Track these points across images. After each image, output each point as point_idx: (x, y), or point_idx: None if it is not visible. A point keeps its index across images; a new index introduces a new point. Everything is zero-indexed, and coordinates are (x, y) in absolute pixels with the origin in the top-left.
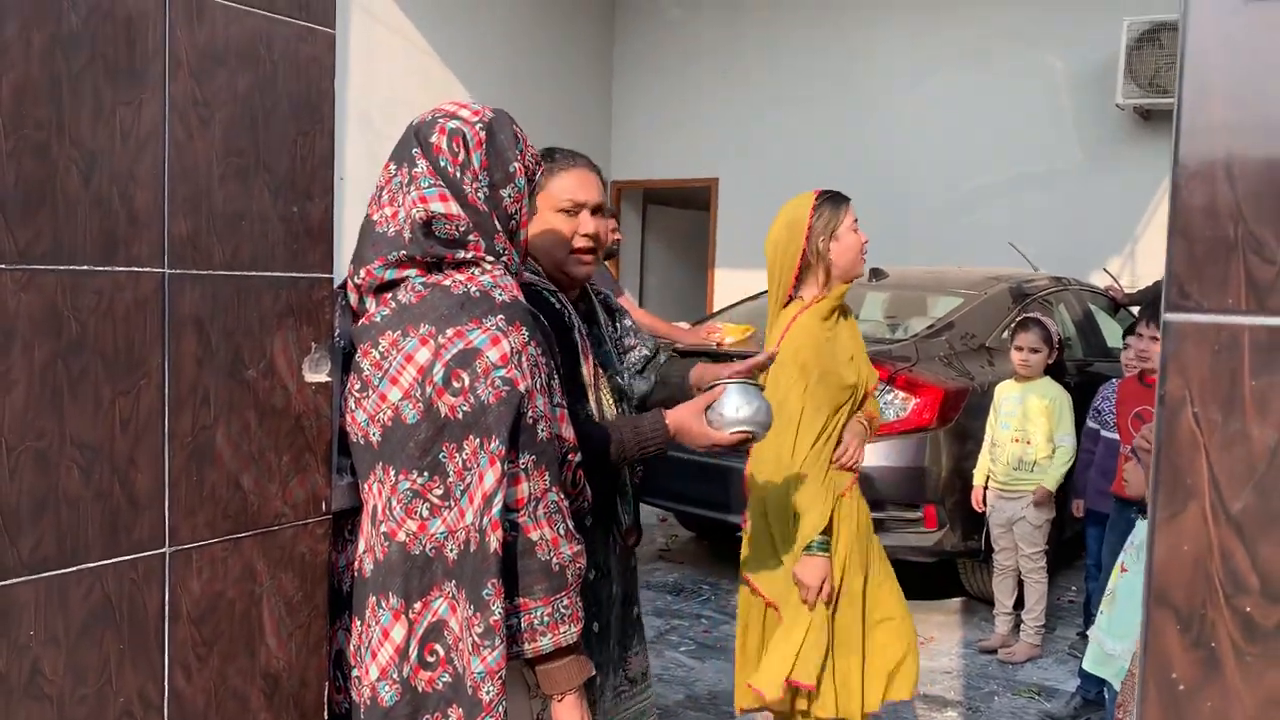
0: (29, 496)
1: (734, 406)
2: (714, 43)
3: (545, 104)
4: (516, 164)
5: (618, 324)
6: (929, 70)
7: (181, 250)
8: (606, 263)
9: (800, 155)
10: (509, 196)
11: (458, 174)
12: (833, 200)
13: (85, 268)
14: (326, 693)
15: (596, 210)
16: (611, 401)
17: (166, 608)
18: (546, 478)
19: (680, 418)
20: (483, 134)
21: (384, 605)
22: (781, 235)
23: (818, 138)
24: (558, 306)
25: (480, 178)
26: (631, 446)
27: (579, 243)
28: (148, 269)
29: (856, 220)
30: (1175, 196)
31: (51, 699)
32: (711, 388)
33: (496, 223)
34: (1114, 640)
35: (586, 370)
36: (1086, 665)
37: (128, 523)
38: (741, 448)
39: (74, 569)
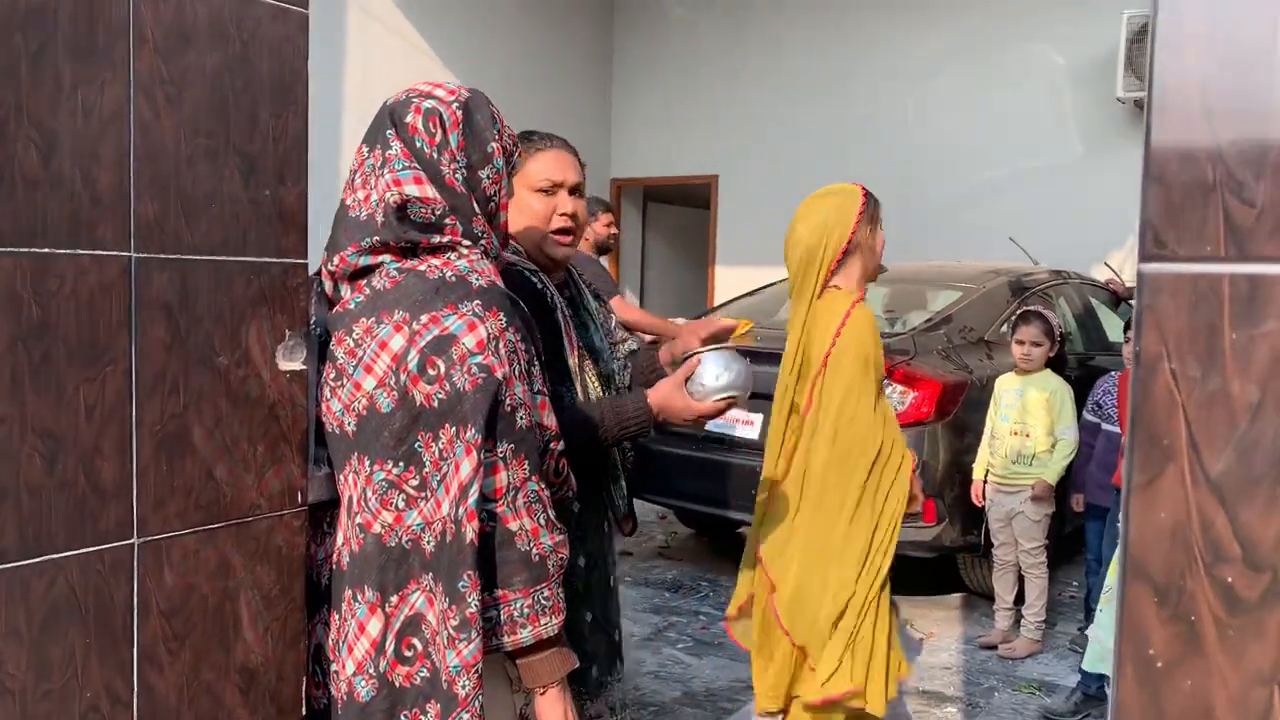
0: None
1: (713, 374)
2: (714, 40)
3: (545, 101)
4: (494, 144)
5: (609, 314)
6: (928, 66)
7: (149, 233)
8: (604, 259)
9: (800, 152)
10: (487, 178)
11: (434, 155)
12: (873, 197)
13: (46, 250)
14: (305, 688)
15: (574, 190)
16: (597, 385)
17: (135, 600)
18: (526, 466)
19: (661, 394)
20: (459, 113)
21: (360, 598)
22: (830, 217)
23: (818, 134)
24: (539, 286)
25: (458, 158)
26: (613, 426)
27: (557, 222)
28: (113, 252)
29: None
30: (1149, 140)
31: (14, 694)
32: (687, 359)
33: (475, 205)
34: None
35: (570, 351)
36: (1087, 665)
37: (93, 513)
38: (725, 414)
39: (36, 560)
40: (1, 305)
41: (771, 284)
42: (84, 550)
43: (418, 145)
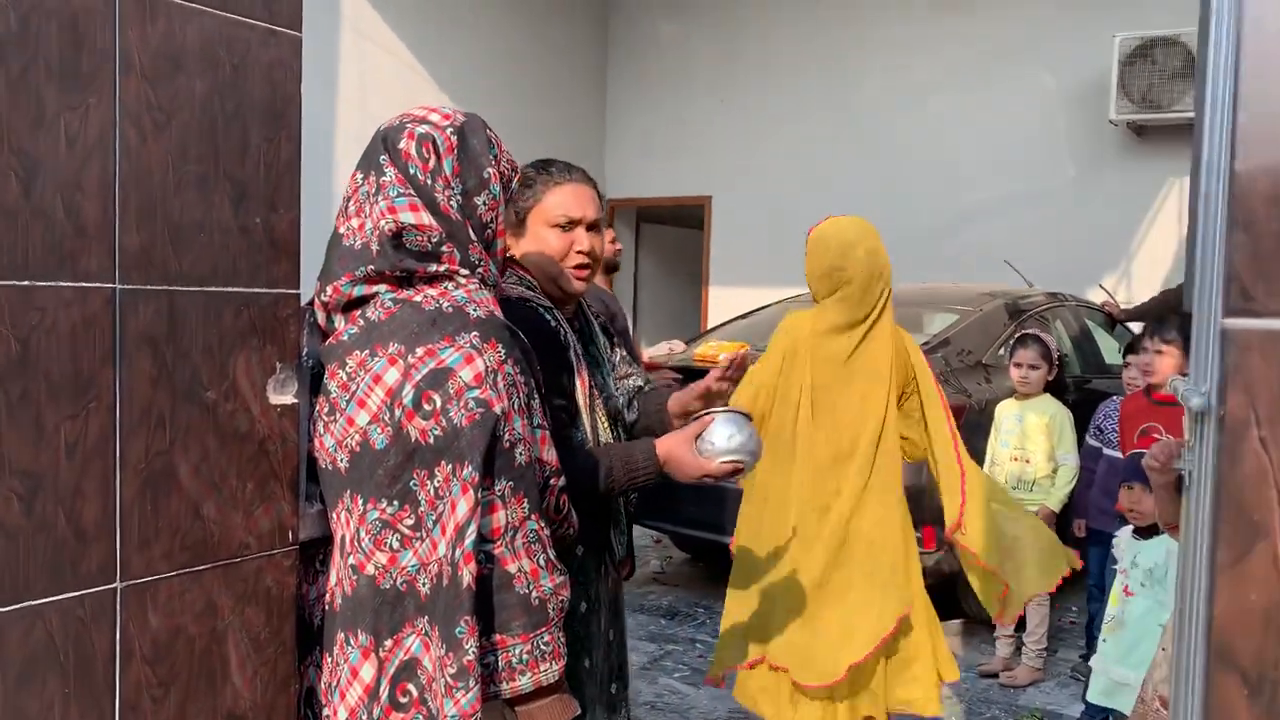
0: None
1: (725, 435)
2: (708, 61)
3: (538, 123)
4: (491, 169)
5: (615, 348)
6: (923, 89)
7: (134, 264)
8: (607, 277)
9: (794, 174)
10: (483, 204)
11: (428, 181)
12: None
13: (26, 283)
14: None
15: (592, 226)
16: (607, 425)
17: (118, 647)
18: (525, 505)
19: (670, 447)
20: (454, 139)
21: (352, 643)
22: (879, 259)
23: (812, 156)
24: (553, 324)
25: (452, 184)
26: (621, 476)
27: (574, 259)
28: (97, 284)
29: None
30: (1235, 185)
31: None
32: (699, 416)
33: (471, 232)
34: (1125, 668)
35: (581, 391)
36: (1093, 697)
37: (74, 557)
38: (731, 478)
39: (13, 607)
40: None
41: (766, 306)
42: (64, 596)
43: (411, 171)
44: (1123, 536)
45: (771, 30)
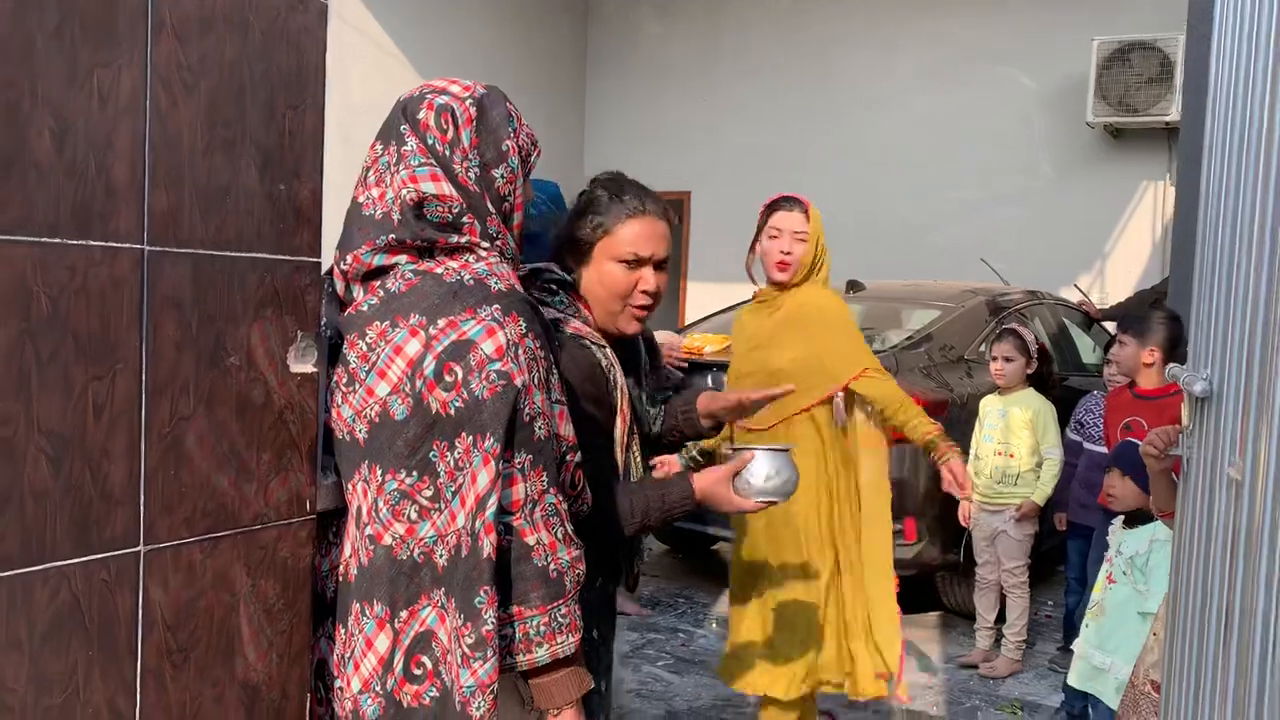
0: None
1: (764, 476)
2: (687, 57)
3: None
4: (510, 142)
5: (655, 366)
6: (901, 89)
7: (162, 226)
8: None
9: (773, 170)
10: (501, 177)
11: (446, 152)
12: (767, 207)
13: (58, 241)
14: (308, 705)
15: (660, 264)
16: (639, 461)
17: (140, 611)
18: (544, 478)
19: (707, 486)
20: (473, 110)
21: (368, 613)
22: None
23: (790, 153)
24: (604, 364)
25: (470, 156)
26: (656, 515)
27: (638, 299)
28: (126, 245)
29: (779, 229)
30: None
31: (13, 710)
32: (739, 450)
33: (489, 204)
34: (1105, 654)
35: (620, 430)
36: (1073, 681)
37: (99, 519)
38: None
39: (39, 568)
40: (11, 298)
41: (744, 302)
42: (89, 558)
43: (430, 141)
44: (1115, 524)
45: (751, 28)
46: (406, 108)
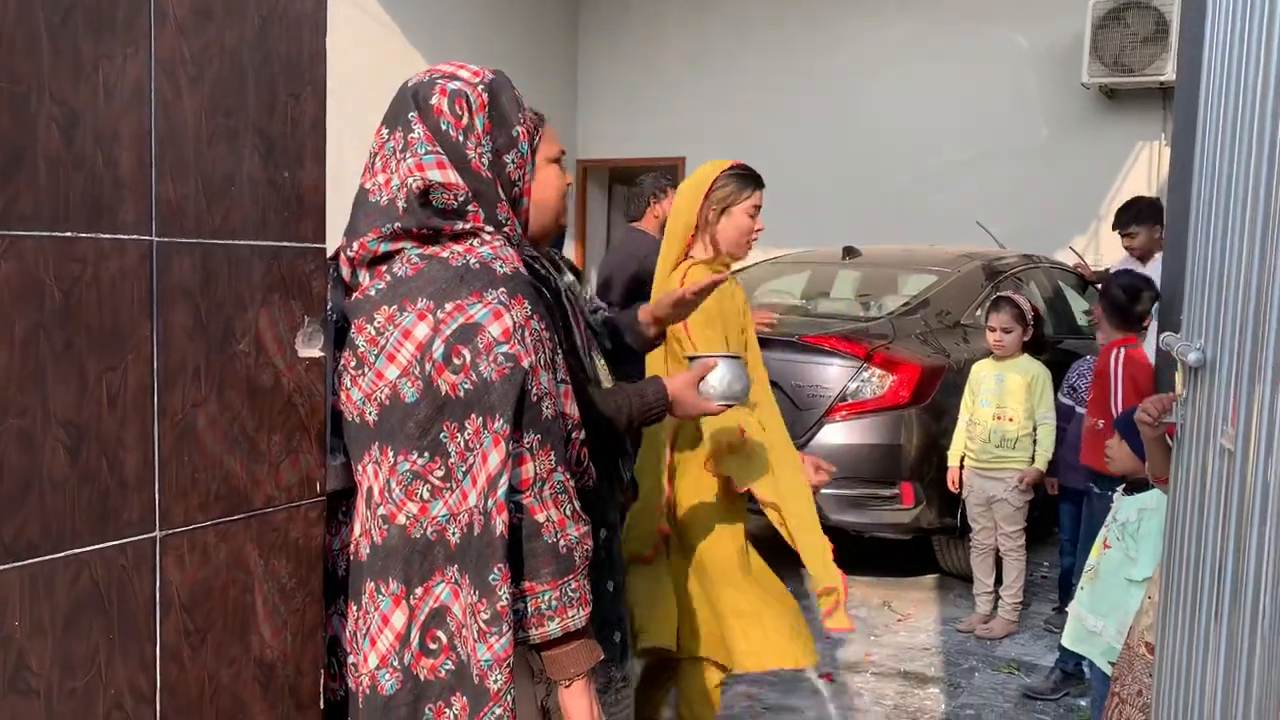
0: (12, 478)
1: (727, 382)
2: (681, 22)
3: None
4: (520, 128)
5: (581, 283)
6: (896, 50)
7: (170, 216)
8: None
9: (768, 135)
10: (512, 162)
11: (460, 138)
12: (740, 178)
13: (69, 234)
14: (322, 680)
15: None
16: (603, 363)
17: (158, 594)
18: (552, 457)
19: (677, 388)
20: (485, 96)
21: (383, 591)
22: (684, 196)
23: (785, 117)
24: (543, 273)
25: (484, 142)
26: (638, 414)
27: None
28: (135, 236)
29: (759, 209)
30: None
31: (39, 693)
32: (699, 358)
33: (500, 190)
34: (1096, 617)
35: (579, 336)
36: (1066, 642)
37: (116, 505)
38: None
39: (61, 555)
40: (24, 291)
41: (742, 269)
42: (108, 544)
43: (443, 128)
44: (1118, 491)
45: None
46: (417, 93)
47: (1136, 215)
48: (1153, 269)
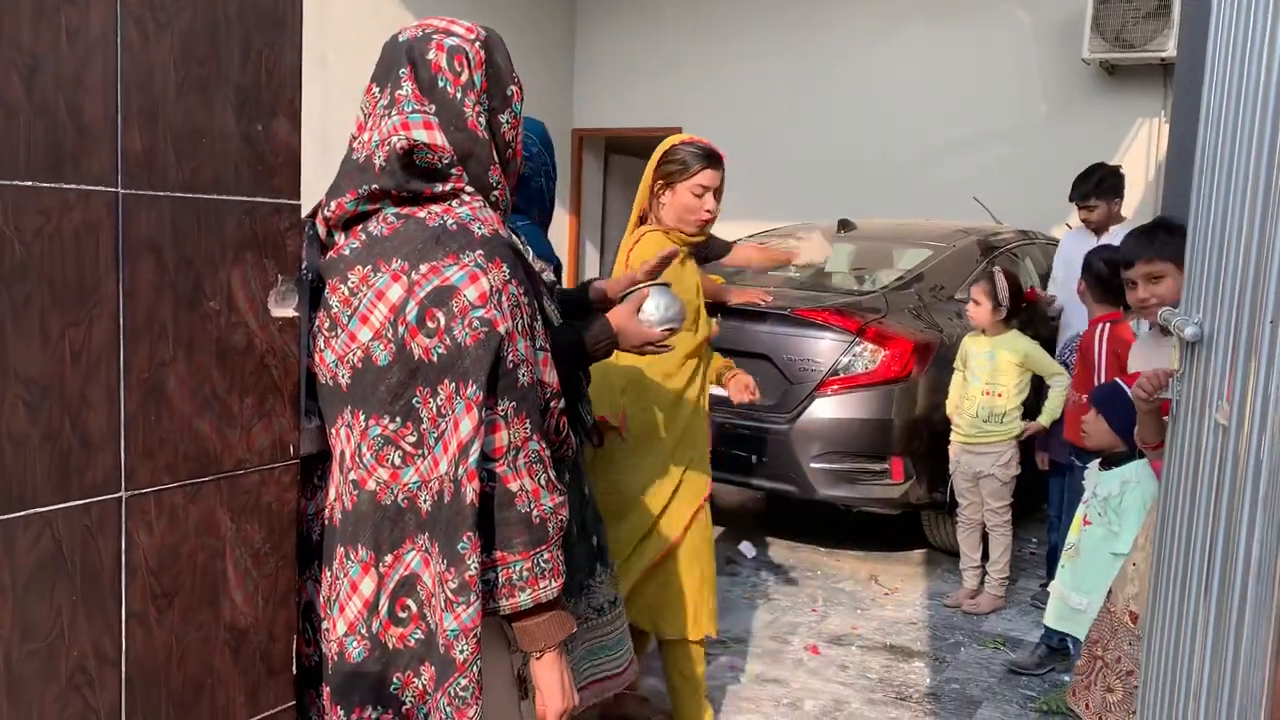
0: None
1: (663, 306)
2: None
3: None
4: (513, 87)
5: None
6: (895, 23)
7: (136, 168)
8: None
9: (766, 106)
10: (506, 123)
11: (458, 95)
12: (691, 154)
13: (29, 184)
14: (295, 646)
15: None
16: (556, 313)
17: (123, 556)
18: (527, 425)
19: (620, 319)
20: (482, 53)
21: (352, 557)
22: (647, 168)
23: (783, 89)
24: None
25: (481, 100)
26: (587, 349)
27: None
28: (99, 187)
29: (706, 189)
30: None
31: None
32: (632, 293)
33: (494, 152)
34: (1080, 594)
35: (549, 305)
36: (1049, 621)
37: (79, 465)
38: (665, 343)
39: (21, 514)
40: None
41: (736, 240)
42: (71, 504)
43: (440, 85)
44: (1091, 467)
45: None
46: (412, 49)
47: (1096, 186)
48: (1110, 240)
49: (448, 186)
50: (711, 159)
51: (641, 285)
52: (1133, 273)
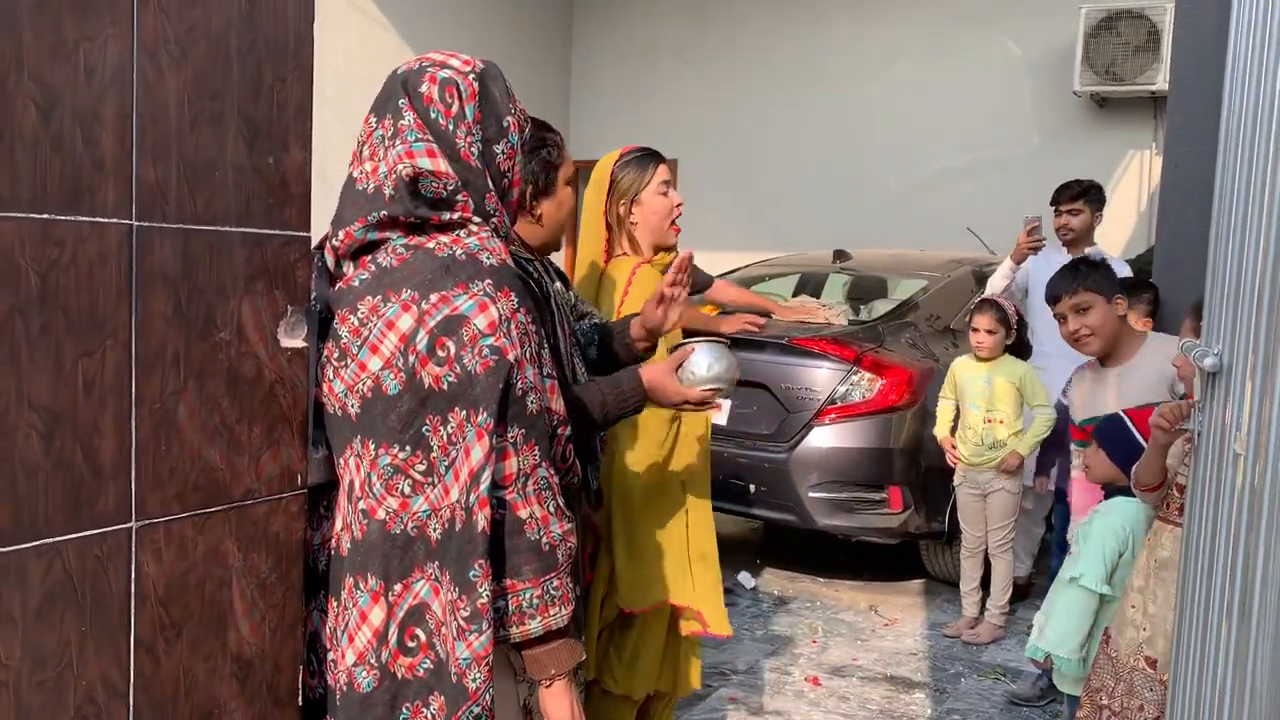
0: None
1: (705, 365)
2: (675, 23)
3: None
4: (510, 119)
5: (570, 290)
6: (888, 55)
7: (150, 200)
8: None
9: (760, 138)
10: (502, 153)
11: (450, 126)
12: (639, 160)
13: (46, 216)
14: (301, 677)
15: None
16: (584, 370)
17: (133, 586)
18: (536, 452)
19: (653, 375)
20: (476, 85)
21: (362, 587)
22: (588, 203)
23: (777, 120)
24: (535, 275)
25: (473, 131)
26: (614, 405)
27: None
28: (114, 219)
29: (668, 183)
30: None
31: (7, 685)
32: (679, 346)
33: (489, 181)
34: (1041, 614)
35: (563, 340)
36: (1028, 650)
37: (91, 495)
38: (708, 404)
39: (32, 544)
40: (0, 273)
41: (732, 270)
42: (82, 534)
43: (433, 116)
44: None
45: None
46: (406, 81)
47: (1084, 191)
48: (1092, 255)
49: (455, 215)
50: (653, 154)
51: (689, 342)
52: (1061, 306)
